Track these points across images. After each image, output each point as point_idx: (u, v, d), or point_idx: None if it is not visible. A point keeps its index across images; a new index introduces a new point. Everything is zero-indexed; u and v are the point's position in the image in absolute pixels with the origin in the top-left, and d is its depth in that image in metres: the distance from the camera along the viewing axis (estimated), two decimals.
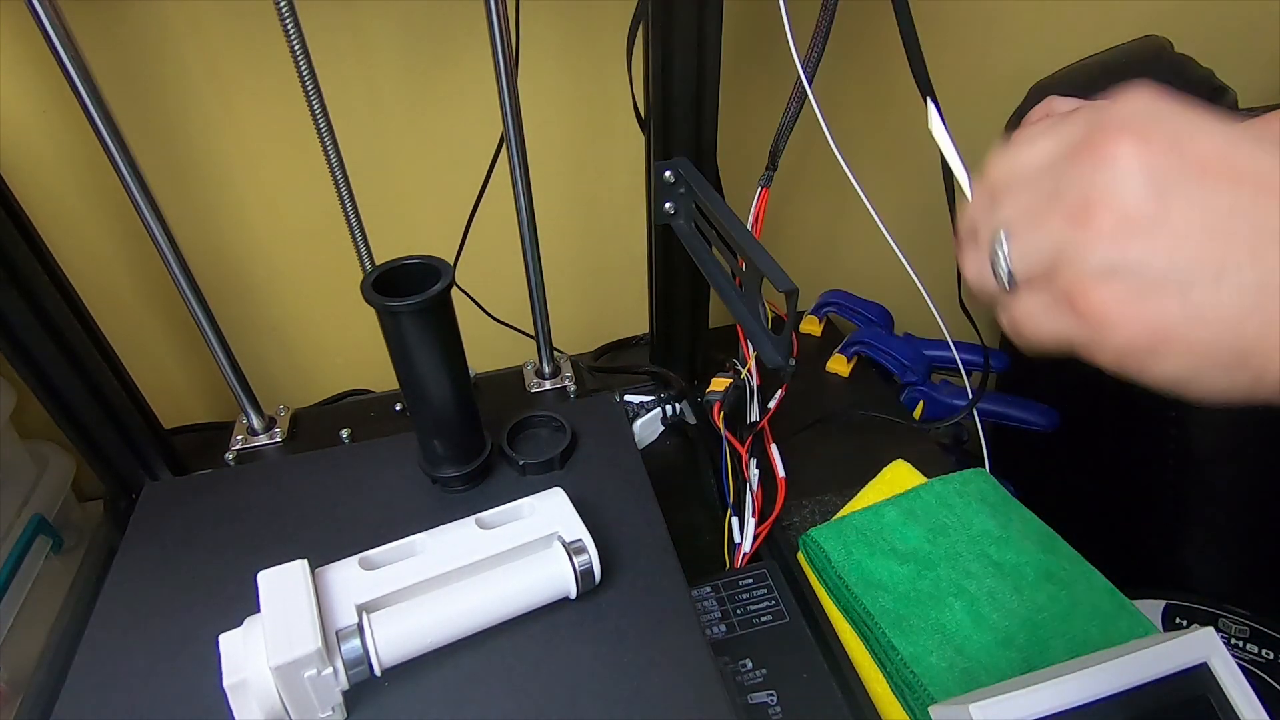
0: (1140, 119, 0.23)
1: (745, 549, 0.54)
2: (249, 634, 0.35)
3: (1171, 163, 0.22)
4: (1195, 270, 0.21)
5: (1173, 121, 0.23)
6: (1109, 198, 0.22)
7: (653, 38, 0.49)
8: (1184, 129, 0.22)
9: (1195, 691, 0.34)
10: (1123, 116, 0.23)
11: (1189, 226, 0.21)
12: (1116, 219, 0.22)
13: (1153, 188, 0.22)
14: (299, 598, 0.35)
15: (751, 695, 0.45)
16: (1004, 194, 0.26)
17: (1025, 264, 0.25)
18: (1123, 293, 0.22)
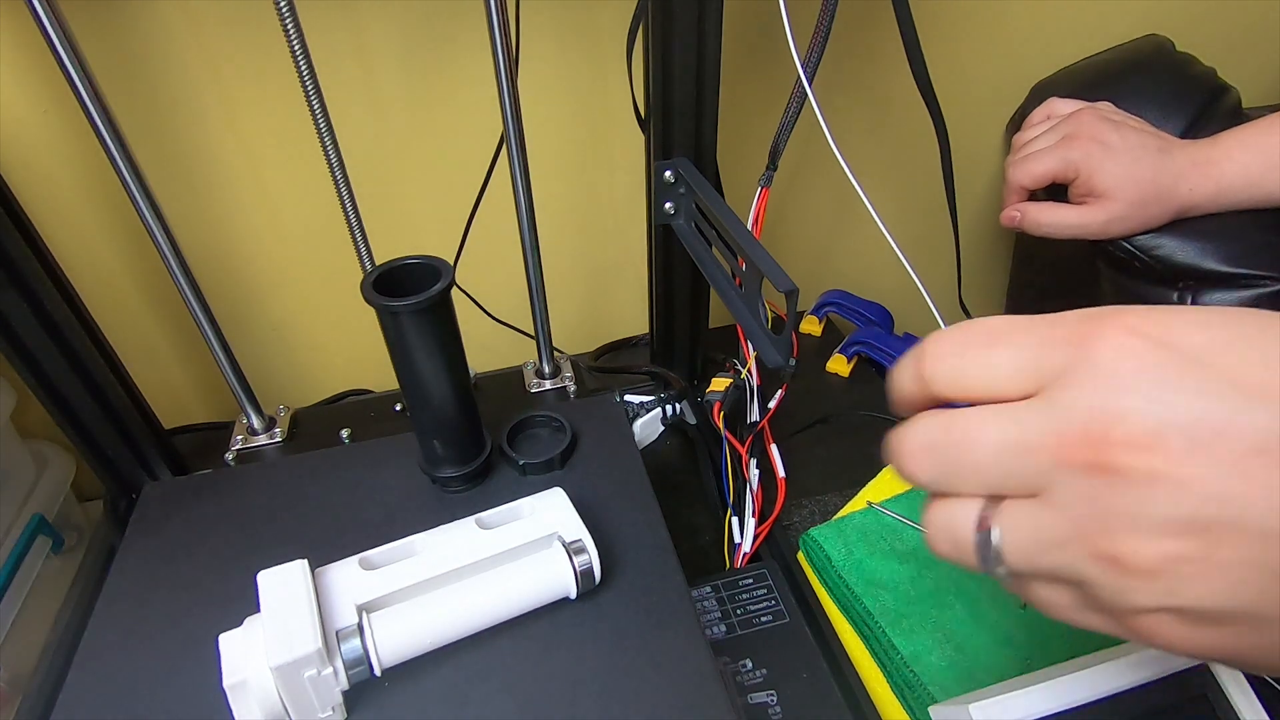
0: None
1: (745, 549, 0.54)
2: (249, 634, 0.35)
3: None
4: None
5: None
6: (1141, 526, 0.18)
7: (653, 38, 0.49)
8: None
9: (1195, 691, 0.34)
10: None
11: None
12: (1156, 554, 0.18)
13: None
14: (299, 598, 0.35)
15: (751, 695, 0.45)
16: (972, 445, 0.21)
17: (1027, 564, 0.21)
18: (1175, 623, 0.19)
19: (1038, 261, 0.78)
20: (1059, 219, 0.59)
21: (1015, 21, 0.75)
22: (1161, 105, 0.64)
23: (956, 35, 0.74)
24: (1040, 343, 0.21)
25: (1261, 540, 0.18)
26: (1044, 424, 0.20)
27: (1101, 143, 0.55)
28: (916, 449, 0.23)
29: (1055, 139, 0.58)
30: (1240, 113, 0.66)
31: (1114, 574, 0.19)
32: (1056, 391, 0.20)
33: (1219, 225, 0.56)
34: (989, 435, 0.21)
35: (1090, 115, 0.58)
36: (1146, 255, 0.57)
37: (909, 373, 0.24)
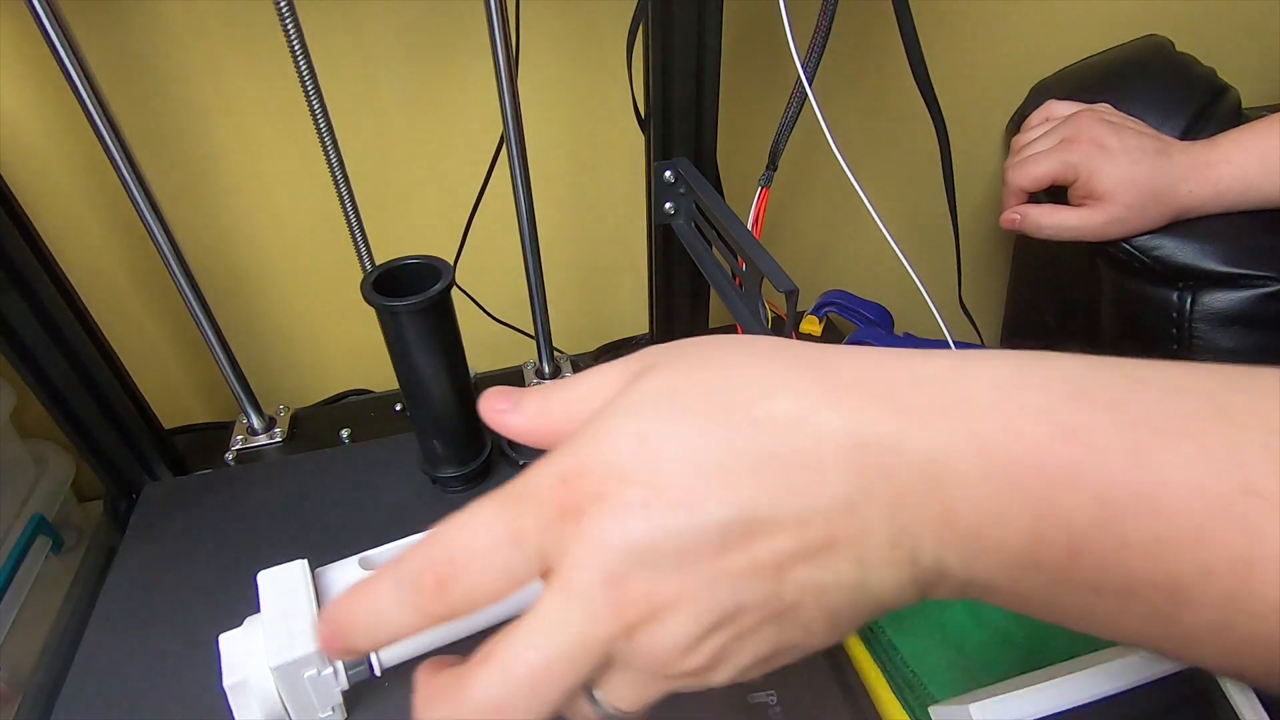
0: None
1: None
2: (249, 634, 0.35)
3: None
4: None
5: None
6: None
7: (653, 38, 0.49)
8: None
9: (1195, 691, 0.34)
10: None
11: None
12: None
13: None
14: (299, 598, 0.35)
15: (751, 695, 0.45)
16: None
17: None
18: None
19: (1038, 262, 0.78)
20: (1058, 221, 0.59)
21: (1015, 21, 0.75)
22: (1161, 106, 0.64)
23: (956, 35, 0.74)
24: (527, 532, 0.22)
25: (761, 608, 0.21)
26: (573, 615, 0.21)
27: (1100, 145, 0.56)
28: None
29: (1054, 141, 0.58)
30: (1240, 113, 0.66)
31: (699, 675, 0.23)
32: (570, 570, 0.21)
33: (1218, 226, 0.57)
34: (533, 654, 0.21)
35: (1089, 118, 0.58)
36: (1146, 256, 0.57)
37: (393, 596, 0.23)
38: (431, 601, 0.22)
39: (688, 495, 0.20)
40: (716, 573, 0.20)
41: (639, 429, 0.21)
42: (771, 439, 0.20)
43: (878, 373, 0.21)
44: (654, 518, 0.20)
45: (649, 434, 0.21)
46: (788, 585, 0.20)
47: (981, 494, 0.19)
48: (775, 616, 0.21)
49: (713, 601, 0.20)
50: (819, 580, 0.20)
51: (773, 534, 0.20)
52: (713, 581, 0.20)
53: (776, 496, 0.20)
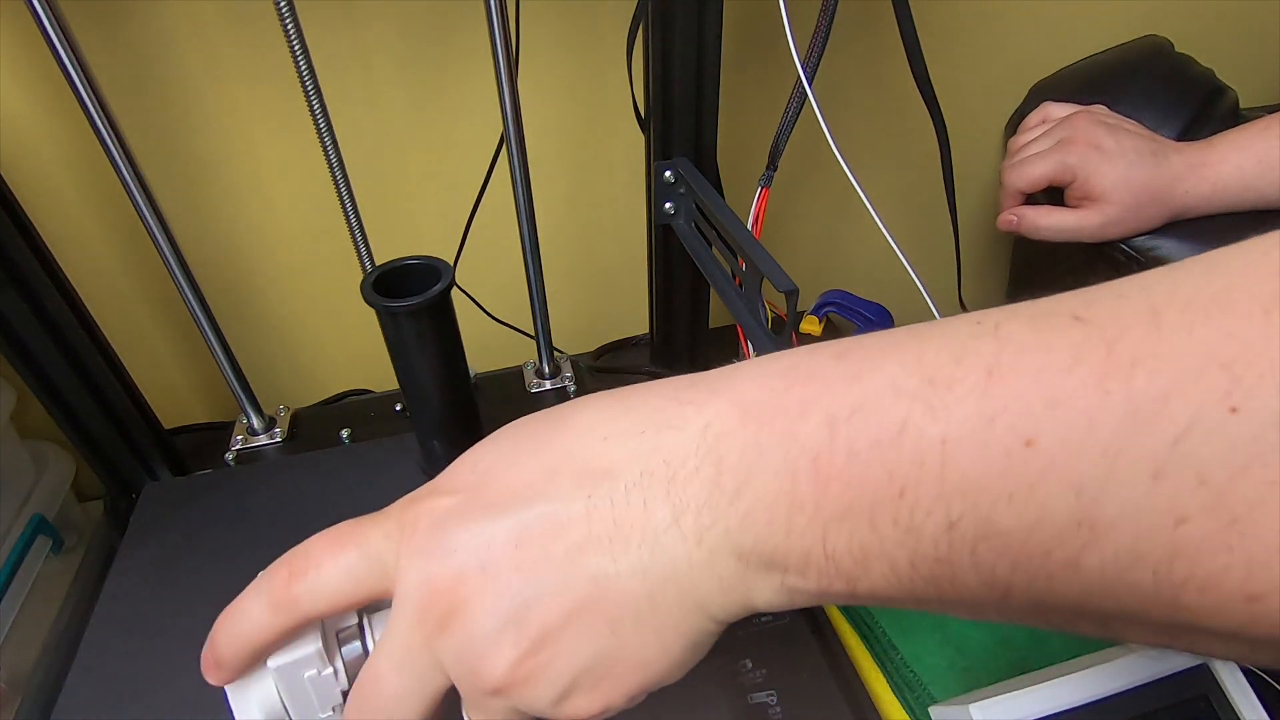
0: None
1: None
2: None
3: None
4: None
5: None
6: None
7: (653, 38, 0.49)
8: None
9: (1195, 691, 0.34)
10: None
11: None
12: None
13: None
14: None
15: (752, 695, 0.45)
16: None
17: None
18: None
19: (1037, 262, 0.78)
20: (1055, 222, 0.59)
21: (1014, 22, 0.75)
22: (1160, 106, 0.65)
23: (955, 35, 0.74)
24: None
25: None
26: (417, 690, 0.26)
27: (1097, 146, 0.56)
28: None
29: (1051, 143, 0.59)
30: (1239, 113, 0.66)
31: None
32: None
33: (1216, 227, 0.57)
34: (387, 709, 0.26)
35: (1085, 119, 0.58)
36: (1144, 257, 0.57)
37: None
38: (281, 592, 0.25)
39: (497, 498, 0.23)
40: (514, 564, 0.22)
41: (474, 457, 0.26)
42: (569, 443, 0.23)
43: (661, 386, 0.24)
44: (462, 519, 0.23)
45: (480, 459, 0.26)
46: (579, 575, 0.22)
47: (743, 444, 0.21)
48: (576, 612, 0.22)
49: (508, 589, 0.22)
50: (608, 568, 0.22)
51: (564, 528, 0.22)
52: (510, 571, 0.22)
53: (567, 492, 0.22)
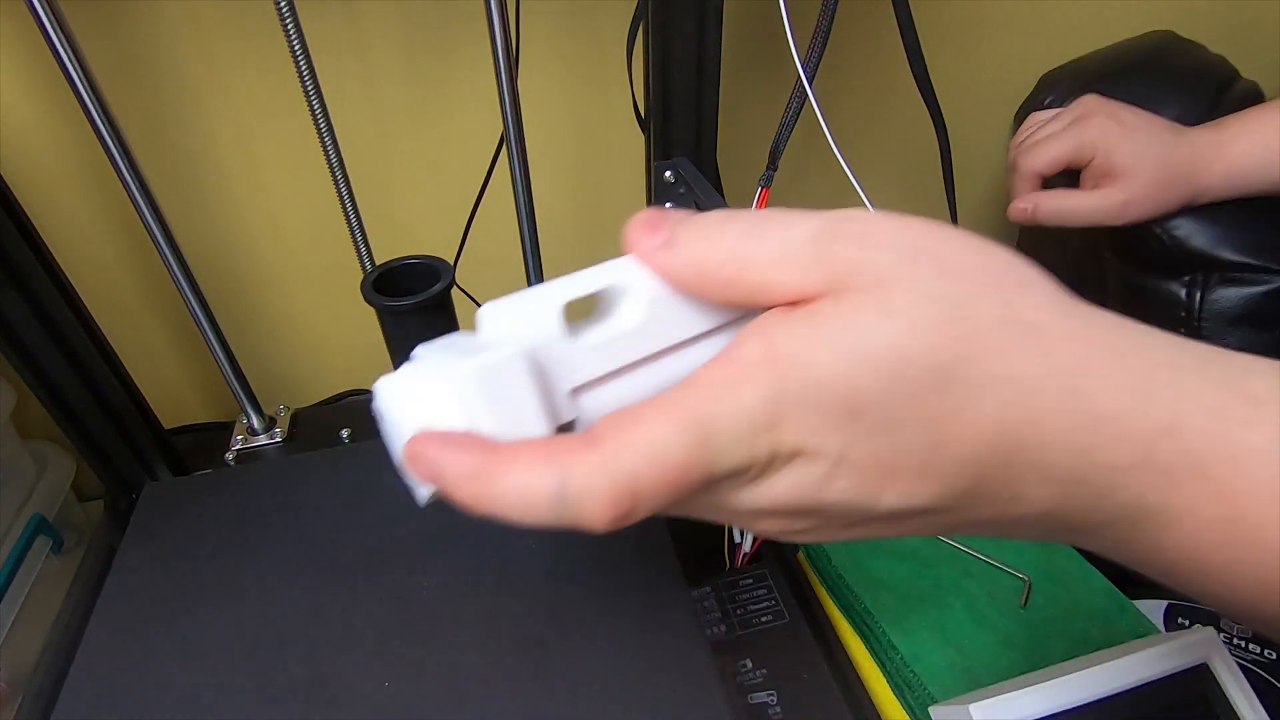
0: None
1: (745, 549, 0.54)
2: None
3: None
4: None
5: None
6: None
7: (653, 38, 0.49)
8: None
9: (1195, 691, 0.34)
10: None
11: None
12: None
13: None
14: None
15: (751, 695, 0.45)
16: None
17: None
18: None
19: (1040, 259, 0.78)
20: (1078, 204, 0.56)
21: (1016, 20, 0.75)
22: (1177, 93, 0.62)
23: (957, 34, 0.74)
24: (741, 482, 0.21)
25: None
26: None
27: (1117, 120, 0.54)
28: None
29: (1065, 123, 0.57)
30: (1256, 100, 0.66)
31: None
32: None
33: (1235, 211, 0.55)
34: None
35: (1097, 98, 0.57)
36: (1166, 235, 0.56)
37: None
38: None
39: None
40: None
41: (851, 380, 0.18)
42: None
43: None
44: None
45: (858, 386, 0.18)
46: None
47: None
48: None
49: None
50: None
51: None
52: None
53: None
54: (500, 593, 0.41)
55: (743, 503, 0.20)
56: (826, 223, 0.21)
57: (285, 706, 0.37)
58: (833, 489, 0.19)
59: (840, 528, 0.21)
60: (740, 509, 0.21)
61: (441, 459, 0.20)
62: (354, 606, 0.41)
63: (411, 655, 0.39)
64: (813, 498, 0.20)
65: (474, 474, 0.20)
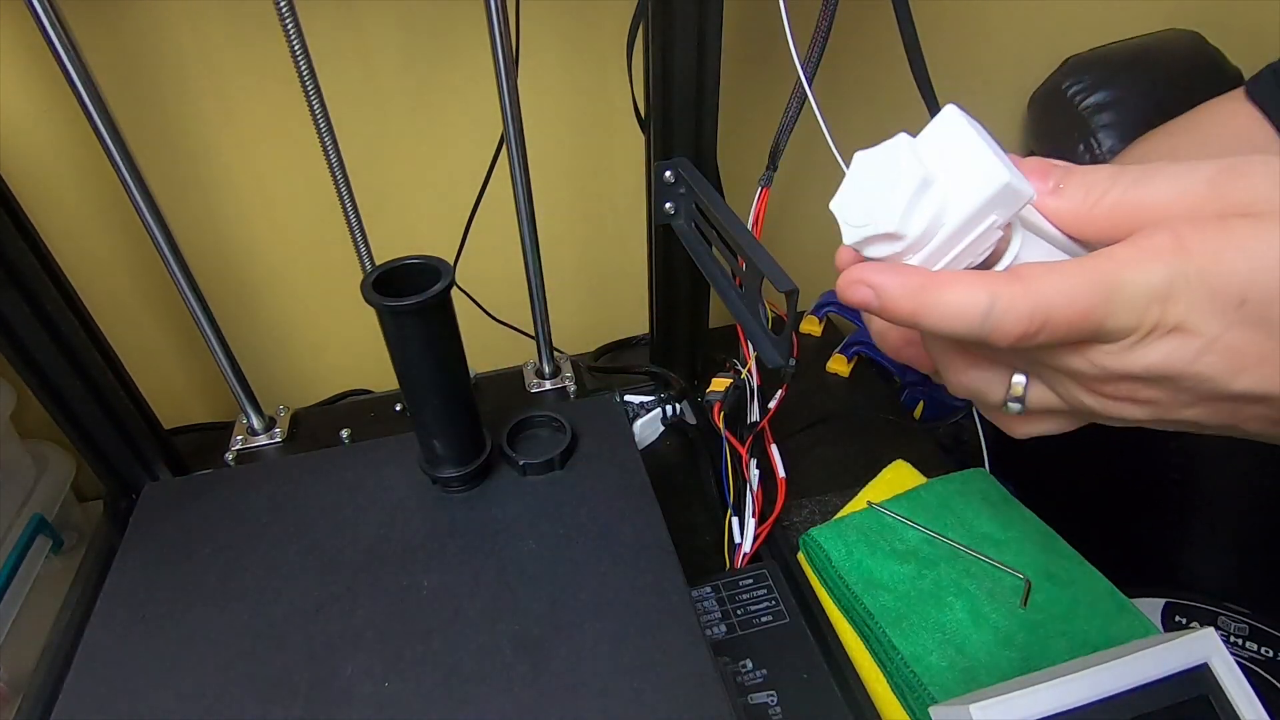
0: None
1: (745, 549, 0.54)
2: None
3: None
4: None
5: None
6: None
7: (653, 38, 0.49)
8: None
9: (1195, 691, 0.34)
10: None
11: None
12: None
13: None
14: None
15: (751, 695, 0.45)
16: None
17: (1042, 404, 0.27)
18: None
19: None
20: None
21: (1022, 21, 0.75)
22: (1189, 97, 0.62)
23: (960, 33, 0.74)
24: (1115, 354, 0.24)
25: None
26: (1068, 294, 0.24)
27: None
28: (930, 319, 0.26)
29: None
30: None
31: (1102, 400, 0.26)
32: (1095, 261, 0.24)
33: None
34: (1030, 301, 0.24)
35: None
36: None
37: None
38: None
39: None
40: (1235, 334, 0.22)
41: (1242, 291, 0.22)
42: None
43: None
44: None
45: (1248, 297, 0.22)
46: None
47: None
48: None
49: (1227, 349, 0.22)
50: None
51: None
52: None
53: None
54: (500, 593, 0.41)
55: (1115, 363, 0.24)
56: (1227, 166, 0.24)
57: (285, 706, 0.37)
58: (1201, 362, 0.23)
59: (1185, 405, 0.24)
60: (1109, 368, 0.24)
61: (883, 279, 0.26)
62: (354, 606, 0.41)
63: (411, 655, 0.39)
64: (1180, 368, 0.23)
65: (920, 287, 0.25)
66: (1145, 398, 0.25)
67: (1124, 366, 0.24)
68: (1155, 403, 0.25)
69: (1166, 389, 0.24)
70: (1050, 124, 0.76)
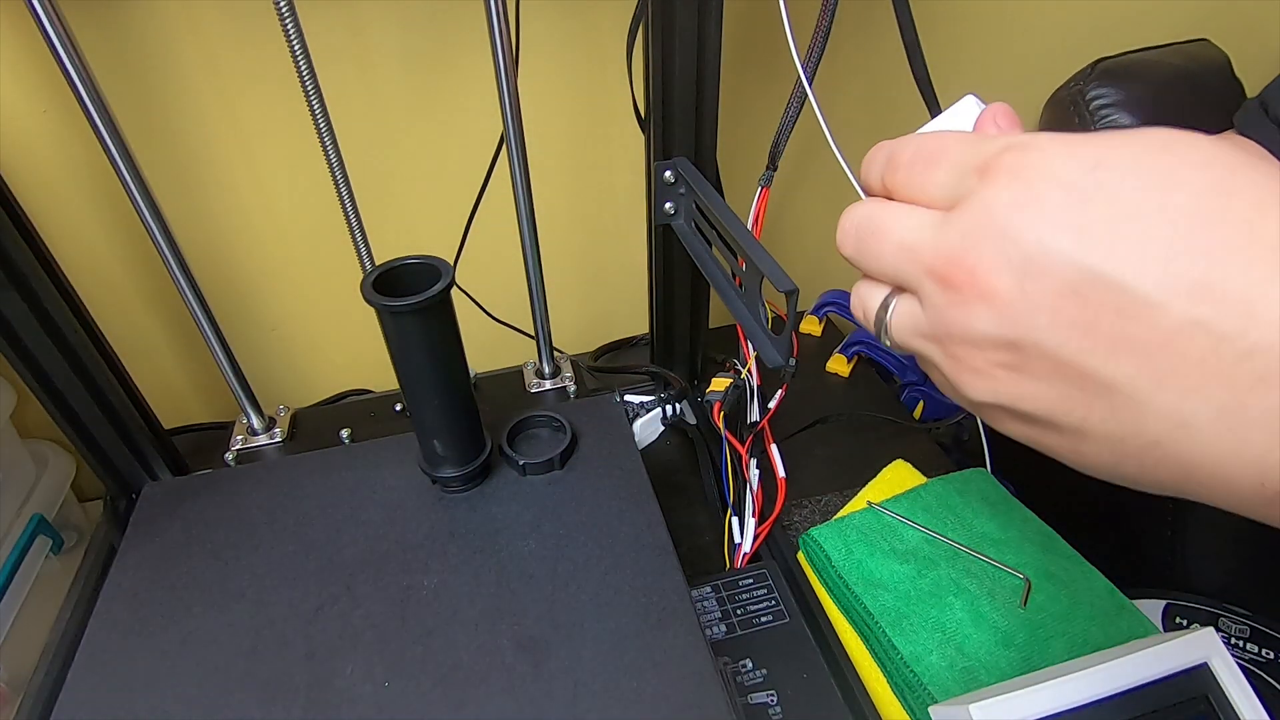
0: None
1: (745, 549, 0.54)
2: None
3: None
4: None
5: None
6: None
7: (653, 38, 0.49)
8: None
9: (1195, 691, 0.34)
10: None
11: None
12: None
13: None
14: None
15: (751, 695, 0.45)
16: (880, 240, 0.26)
17: (904, 346, 0.26)
18: (1009, 418, 0.24)
19: None
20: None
21: (1031, 22, 0.75)
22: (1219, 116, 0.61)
23: (965, 33, 0.74)
24: (961, 168, 0.24)
25: (1058, 367, 0.21)
26: (931, 238, 0.24)
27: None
28: (848, 227, 0.27)
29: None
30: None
31: (956, 370, 0.24)
32: (954, 213, 0.23)
33: None
34: (893, 236, 0.25)
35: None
36: None
37: (875, 171, 0.27)
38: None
39: (1104, 236, 0.20)
40: (1057, 306, 0.20)
41: (1098, 156, 0.21)
42: (1201, 234, 0.19)
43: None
44: (1052, 230, 0.20)
45: (1104, 162, 0.20)
46: (1111, 365, 0.20)
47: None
48: (1073, 381, 0.21)
49: (1027, 323, 0.21)
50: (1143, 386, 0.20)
51: (1140, 311, 0.19)
52: (1045, 311, 0.21)
53: (1167, 280, 0.19)
54: (500, 593, 0.41)
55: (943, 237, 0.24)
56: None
57: (285, 706, 0.37)
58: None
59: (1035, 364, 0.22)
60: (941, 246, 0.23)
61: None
62: (354, 606, 0.41)
63: (411, 655, 0.39)
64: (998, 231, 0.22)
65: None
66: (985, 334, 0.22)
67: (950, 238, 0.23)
68: (1001, 365, 0.23)
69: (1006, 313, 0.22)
70: (1062, 127, 0.76)
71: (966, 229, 0.22)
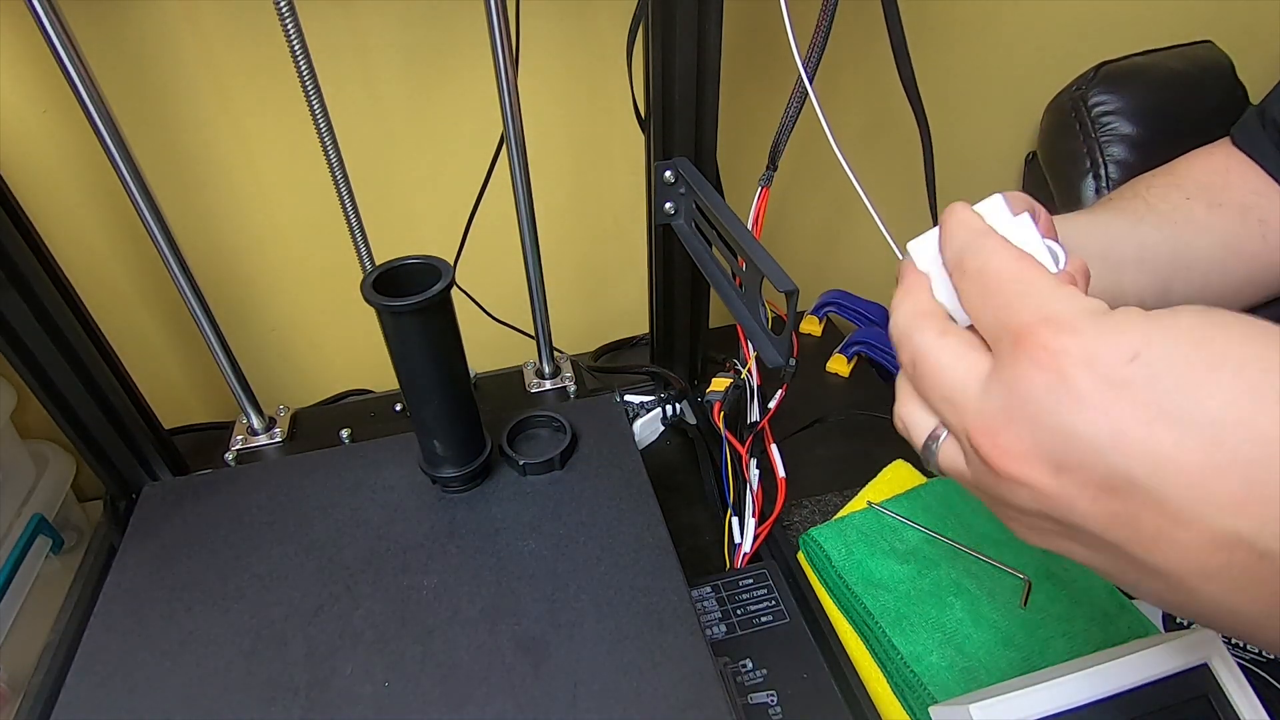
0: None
1: (745, 549, 0.54)
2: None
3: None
4: None
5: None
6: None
7: (653, 38, 0.49)
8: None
9: (1195, 691, 0.34)
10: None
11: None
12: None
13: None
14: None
15: (751, 695, 0.45)
16: (928, 380, 0.26)
17: (953, 477, 0.26)
18: (1058, 537, 0.24)
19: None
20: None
21: (1035, 25, 0.75)
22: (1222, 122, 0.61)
23: (966, 33, 0.74)
24: (998, 321, 0.24)
25: (1105, 545, 0.21)
26: (974, 402, 0.24)
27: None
28: (907, 348, 0.27)
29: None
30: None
31: (1004, 519, 0.25)
32: (993, 379, 0.23)
33: None
34: (942, 383, 0.25)
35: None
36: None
37: (952, 249, 0.27)
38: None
39: (1140, 438, 0.19)
40: (1095, 497, 0.21)
41: (1135, 347, 0.20)
42: (1244, 449, 0.18)
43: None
44: (1086, 425, 0.20)
45: (1141, 355, 0.20)
46: (1157, 556, 0.20)
47: None
48: (1122, 557, 0.21)
49: (1067, 509, 0.21)
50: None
51: (1179, 518, 0.19)
52: (1084, 500, 0.21)
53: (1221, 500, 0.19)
54: (500, 593, 0.41)
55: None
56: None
57: (285, 707, 0.37)
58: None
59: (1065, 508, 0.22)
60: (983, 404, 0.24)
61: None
62: (354, 607, 0.41)
63: (411, 655, 0.39)
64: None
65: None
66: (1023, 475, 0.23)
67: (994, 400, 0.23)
68: (1043, 498, 0.22)
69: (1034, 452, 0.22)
70: (1062, 132, 0.76)
71: (1003, 404, 0.22)
